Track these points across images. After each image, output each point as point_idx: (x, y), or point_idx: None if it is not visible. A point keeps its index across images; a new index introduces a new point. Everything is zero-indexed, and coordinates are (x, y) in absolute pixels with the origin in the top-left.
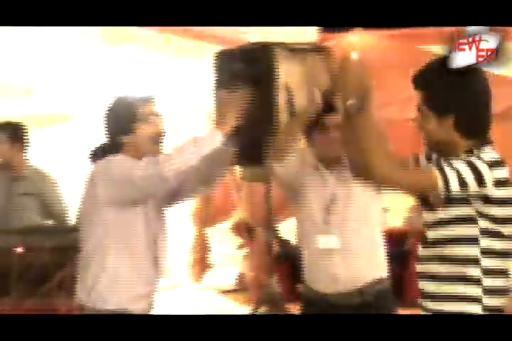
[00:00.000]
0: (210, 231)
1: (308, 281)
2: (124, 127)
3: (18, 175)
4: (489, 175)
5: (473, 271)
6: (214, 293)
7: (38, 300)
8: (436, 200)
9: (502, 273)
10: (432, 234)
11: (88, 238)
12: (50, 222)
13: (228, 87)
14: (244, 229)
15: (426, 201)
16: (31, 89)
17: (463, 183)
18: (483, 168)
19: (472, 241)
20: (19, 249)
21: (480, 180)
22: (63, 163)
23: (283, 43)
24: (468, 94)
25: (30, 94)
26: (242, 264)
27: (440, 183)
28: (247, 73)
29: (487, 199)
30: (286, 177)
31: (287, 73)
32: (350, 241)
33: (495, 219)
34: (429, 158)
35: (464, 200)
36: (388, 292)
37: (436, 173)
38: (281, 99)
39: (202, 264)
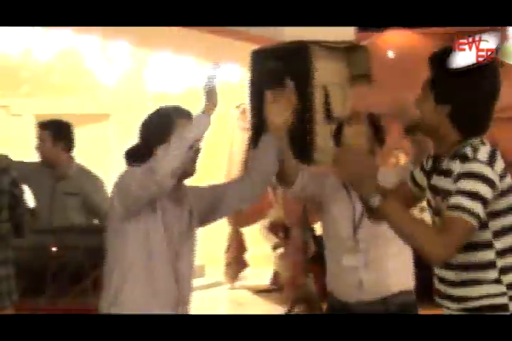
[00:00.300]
0: (246, 231)
1: (331, 290)
2: (159, 139)
3: (63, 174)
4: (496, 177)
5: (493, 274)
6: (249, 292)
7: (71, 299)
8: None
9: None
10: None
11: (109, 248)
12: (95, 222)
13: (269, 86)
14: (280, 229)
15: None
16: (71, 88)
17: (485, 202)
18: (489, 173)
19: (487, 245)
20: (54, 249)
21: (493, 187)
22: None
23: (319, 42)
24: (471, 90)
25: (70, 93)
26: (278, 264)
27: (474, 223)
28: (283, 72)
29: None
30: (312, 188)
31: (324, 72)
32: (376, 257)
33: (496, 214)
34: (422, 168)
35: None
36: (413, 304)
37: (464, 218)
38: (317, 97)
39: (237, 264)
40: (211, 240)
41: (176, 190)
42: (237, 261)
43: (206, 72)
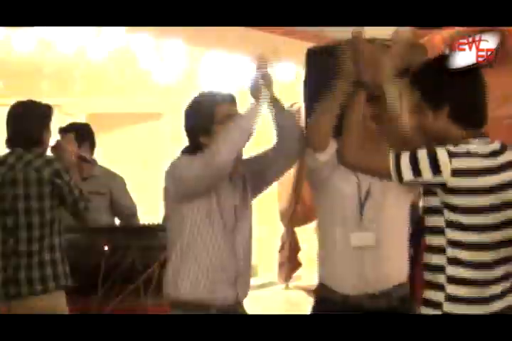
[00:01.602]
0: (300, 231)
1: (328, 282)
2: (202, 128)
3: (87, 175)
4: (446, 164)
5: (440, 260)
6: (303, 293)
7: (124, 299)
8: None
9: (463, 263)
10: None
11: (169, 230)
12: (119, 220)
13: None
14: None
15: None
16: (124, 87)
17: (416, 171)
18: (442, 157)
19: (440, 231)
20: (106, 248)
21: (435, 169)
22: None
23: (375, 39)
24: (462, 86)
25: (123, 92)
26: None
27: (393, 172)
28: (338, 69)
29: (445, 188)
30: (322, 168)
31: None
32: (382, 240)
33: (454, 209)
34: None
35: (433, 192)
36: (410, 297)
37: (391, 160)
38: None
39: (291, 264)
40: (264, 240)
41: None
42: (290, 261)
43: (253, 69)
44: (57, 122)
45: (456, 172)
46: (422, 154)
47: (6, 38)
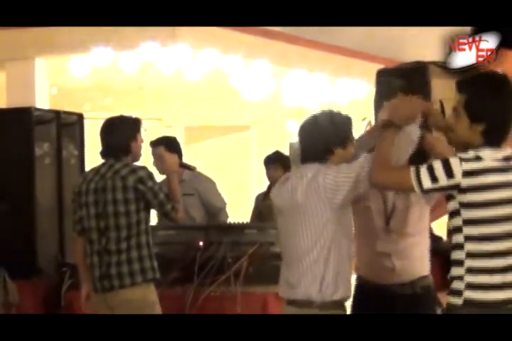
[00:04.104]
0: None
1: (364, 274)
2: (339, 140)
3: (179, 179)
4: (458, 168)
5: (460, 255)
6: None
7: (216, 288)
8: None
9: (482, 255)
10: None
11: (321, 238)
12: (209, 217)
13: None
14: None
15: None
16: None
17: (434, 178)
18: (454, 162)
19: (458, 229)
20: (201, 243)
21: (449, 173)
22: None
23: (436, 62)
24: (503, 108)
25: (216, 107)
26: None
27: (414, 182)
28: (404, 88)
29: (460, 189)
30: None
31: (440, 88)
32: (405, 245)
33: (469, 206)
34: None
35: (452, 196)
36: (432, 287)
37: (411, 173)
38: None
39: None
40: None
41: None
42: None
43: None
44: (159, 133)
45: (467, 174)
46: (437, 163)
47: (113, 60)
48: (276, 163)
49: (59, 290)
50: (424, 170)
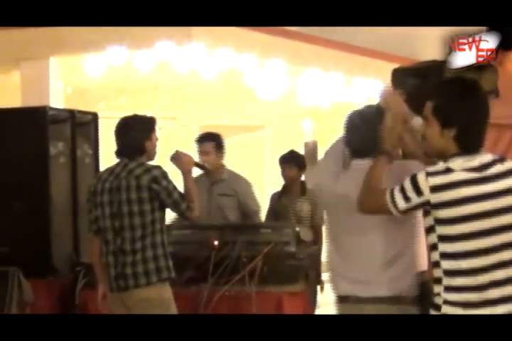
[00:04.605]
0: None
1: None
2: (371, 140)
3: (218, 179)
4: (424, 184)
5: (438, 273)
6: None
7: (231, 287)
8: None
9: (458, 273)
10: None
11: (393, 242)
12: (243, 218)
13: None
14: None
15: None
16: (231, 102)
17: (406, 198)
18: (420, 178)
19: (434, 247)
20: (216, 242)
21: (417, 190)
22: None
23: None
24: (472, 111)
25: (230, 107)
26: None
27: (390, 205)
28: (420, 87)
29: (432, 205)
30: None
31: None
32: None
33: (441, 221)
34: None
35: (427, 212)
36: (429, 282)
37: (387, 196)
38: None
39: None
40: None
41: None
42: None
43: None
44: (173, 133)
45: (434, 189)
46: (407, 182)
47: (128, 59)
48: (291, 162)
49: (73, 290)
50: (397, 191)
